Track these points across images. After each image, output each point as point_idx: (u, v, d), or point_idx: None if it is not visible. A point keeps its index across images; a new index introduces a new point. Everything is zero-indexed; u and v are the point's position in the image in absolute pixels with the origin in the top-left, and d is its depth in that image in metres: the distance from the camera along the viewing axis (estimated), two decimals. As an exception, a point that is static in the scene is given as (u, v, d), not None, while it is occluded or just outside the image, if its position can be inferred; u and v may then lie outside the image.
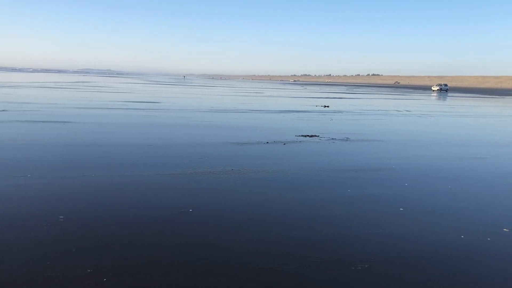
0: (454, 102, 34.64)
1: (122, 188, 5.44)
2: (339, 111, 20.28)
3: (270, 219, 4.55)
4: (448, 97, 45.84)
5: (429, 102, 33.86)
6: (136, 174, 6.17)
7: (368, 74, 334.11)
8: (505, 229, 4.54)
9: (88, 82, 51.40)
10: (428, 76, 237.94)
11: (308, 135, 10.95)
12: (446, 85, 73.85)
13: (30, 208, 4.51)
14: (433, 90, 72.44)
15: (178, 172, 6.36)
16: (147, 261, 3.43)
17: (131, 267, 3.31)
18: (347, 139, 10.63)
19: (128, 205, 4.80)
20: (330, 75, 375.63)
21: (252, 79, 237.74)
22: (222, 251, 3.70)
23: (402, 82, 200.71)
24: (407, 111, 22.34)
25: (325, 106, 23.13)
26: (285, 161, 7.63)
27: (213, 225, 4.30)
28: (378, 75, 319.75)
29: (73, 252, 3.51)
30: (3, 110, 13.84)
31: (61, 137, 9.17)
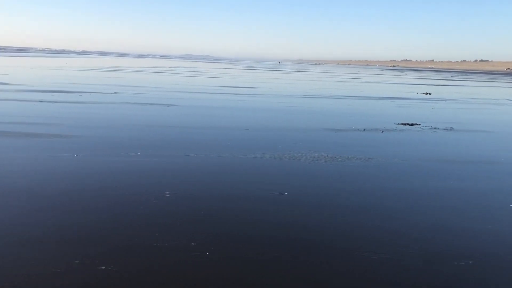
0: None
1: (220, 169, 5.68)
2: (443, 99, 19.08)
3: (364, 208, 4.47)
4: None
5: (548, 91, 30.51)
6: (233, 155, 6.39)
7: (476, 60, 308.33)
8: None
9: (188, 67, 53.87)
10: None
11: (408, 123, 10.48)
12: None
13: (140, 184, 4.90)
14: None
15: (272, 156, 6.47)
16: (246, 239, 3.58)
17: (231, 243, 3.48)
18: (451, 129, 9.99)
19: (226, 184, 5.01)
20: (432, 60, 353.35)
21: (348, 64, 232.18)
22: (317, 234, 3.73)
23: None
24: (521, 100, 20.35)
25: (426, 93, 21.89)
26: (383, 149, 7.40)
27: (306, 209, 4.34)
28: (487, 61, 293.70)
29: (179, 226, 3.77)
30: (115, 93, 15.05)
31: (165, 119, 9.77)
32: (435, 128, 10.00)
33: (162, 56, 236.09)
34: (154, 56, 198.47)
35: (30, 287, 2.76)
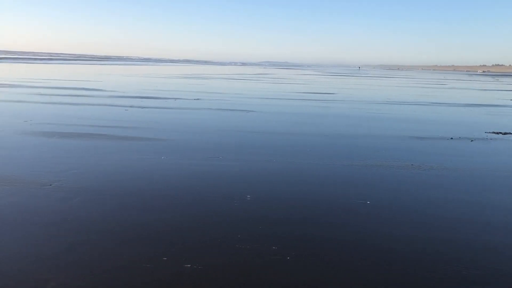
0: None
1: (300, 175, 5.68)
2: (541, 106, 17.53)
3: (452, 220, 4.23)
4: None
5: None
6: (313, 162, 6.36)
7: None
8: None
9: (267, 74, 54.54)
10: None
11: (501, 132, 9.77)
12: None
13: (222, 186, 5.04)
14: None
15: (353, 163, 6.35)
16: (328, 244, 3.55)
17: (312, 248, 3.47)
18: (551, 139, 9.15)
19: (306, 190, 5.00)
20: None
21: (433, 70, 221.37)
22: (401, 244, 3.59)
23: None
24: None
25: (522, 100, 20.25)
26: (472, 159, 6.96)
27: (390, 218, 4.20)
28: None
29: (260, 229, 3.83)
30: (198, 99, 15.64)
31: (245, 124, 9.98)
32: (533, 137, 9.21)
33: (243, 63, 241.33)
34: (235, 64, 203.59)
35: (124, 280, 2.95)
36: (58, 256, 3.20)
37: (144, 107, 12.46)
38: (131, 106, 12.49)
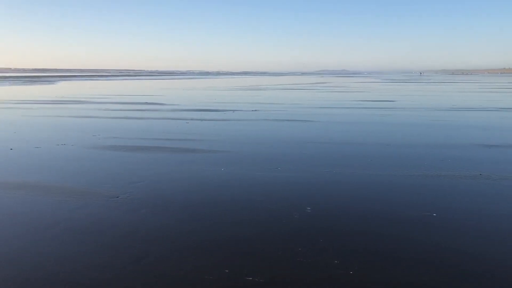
0: None
1: (361, 186, 5.56)
2: None
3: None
4: None
5: None
6: (375, 173, 6.20)
7: None
8: None
9: (325, 82, 54.10)
10: None
11: None
12: None
13: (282, 198, 5.05)
14: None
15: (417, 174, 6.12)
16: (391, 260, 3.43)
17: (375, 263, 3.37)
18: None
19: (367, 202, 4.88)
20: None
21: (501, 73, 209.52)
22: (469, 260, 3.40)
23: None
24: None
25: None
26: (549, 168, 6.48)
27: (457, 231, 3.99)
28: None
29: (321, 242, 3.78)
30: (256, 110, 15.80)
31: (303, 134, 9.93)
32: None
33: (301, 73, 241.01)
34: (294, 74, 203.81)
35: (187, 290, 3.02)
36: (126, 267, 3.33)
37: (204, 120, 12.76)
38: (191, 119, 12.84)
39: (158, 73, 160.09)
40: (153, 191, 5.31)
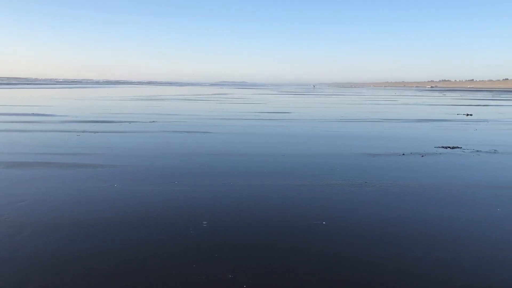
0: None
1: (258, 197, 5.66)
2: (485, 120, 18.48)
3: (406, 238, 4.32)
4: None
5: None
6: (270, 183, 6.37)
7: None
8: None
9: (224, 94, 54.70)
10: None
11: (449, 147, 10.18)
12: None
13: (178, 213, 4.95)
14: None
15: (309, 183, 6.41)
16: (284, 269, 3.53)
17: (269, 275, 3.43)
18: (494, 151, 9.63)
19: (264, 214, 4.98)
20: (472, 80, 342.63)
21: (384, 87, 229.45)
22: (360, 266, 3.62)
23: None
24: None
25: (467, 115, 21.28)
26: (423, 174, 7.20)
27: (346, 238, 4.24)
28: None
29: (216, 257, 3.76)
30: (153, 121, 15.43)
31: (202, 146, 9.90)
32: (477, 151, 9.66)
33: (200, 84, 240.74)
34: (191, 84, 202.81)
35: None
36: (0, 299, 3.01)
37: (97, 132, 12.13)
38: (83, 131, 12.13)
39: (50, 81, 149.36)
40: (36, 212, 4.89)
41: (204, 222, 4.62)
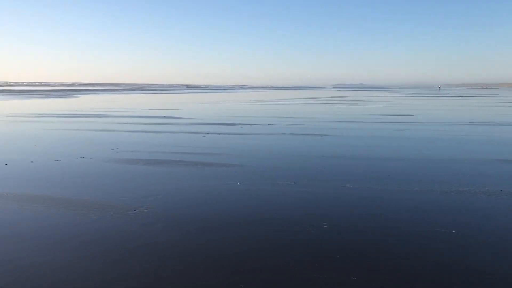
0: None
1: (378, 201, 5.50)
2: None
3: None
4: None
5: None
6: (392, 188, 6.14)
7: None
8: None
9: (342, 96, 53.98)
10: None
11: None
12: None
13: (298, 213, 5.02)
14: None
15: (435, 189, 6.03)
16: (405, 275, 3.38)
17: (391, 279, 3.32)
18: None
19: (383, 218, 4.82)
20: None
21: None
22: (483, 275, 3.32)
23: None
24: None
25: None
26: None
27: (475, 249, 3.91)
28: None
29: (337, 258, 3.75)
30: (272, 124, 15.83)
31: (319, 149, 9.90)
32: None
33: (318, 87, 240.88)
34: (310, 88, 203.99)
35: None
36: (141, 279, 3.35)
37: (221, 133, 12.83)
38: (208, 133, 12.92)
39: (174, 87, 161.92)
40: (168, 205, 5.34)
41: (325, 223, 4.62)
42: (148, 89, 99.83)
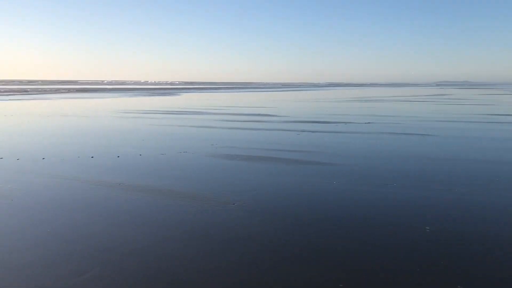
0: None
1: (482, 208, 5.10)
2: None
3: None
4: None
5: None
6: (504, 194, 5.65)
7: None
8: None
9: (444, 94, 50.79)
10: None
11: None
12: None
13: (397, 215, 4.85)
14: None
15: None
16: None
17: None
18: None
19: (495, 225, 4.46)
20: None
21: None
22: None
23: None
24: None
25: None
26: None
27: None
28: None
29: (442, 265, 3.55)
30: (369, 123, 15.40)
31: (421, 149, 9.43)
32: None
33: (416, 85, 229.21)
34: (408, 85, 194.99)
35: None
36: (238, 272, 3.46)
37: (315, 131, 12.78)
38: (302, 131, 12.94)
39: (269, 85, 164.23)
40: (264, 200, 5.45)
41: (427, 227, 4.40)
42: (244, 87, 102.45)
